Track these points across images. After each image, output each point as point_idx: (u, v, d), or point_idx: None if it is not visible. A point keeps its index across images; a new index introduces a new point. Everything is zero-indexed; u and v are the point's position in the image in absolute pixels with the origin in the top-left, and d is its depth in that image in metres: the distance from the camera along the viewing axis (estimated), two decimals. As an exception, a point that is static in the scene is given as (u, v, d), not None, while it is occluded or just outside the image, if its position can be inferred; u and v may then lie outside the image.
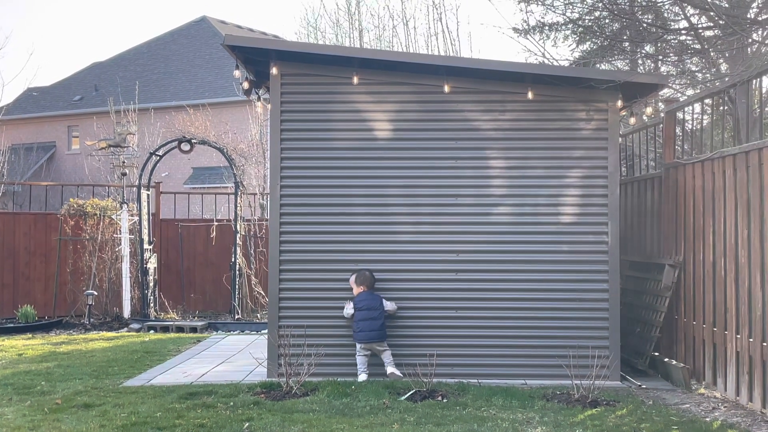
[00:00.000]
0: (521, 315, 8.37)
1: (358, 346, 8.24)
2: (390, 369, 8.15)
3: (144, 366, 9.36)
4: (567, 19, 14.40)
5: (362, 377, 8.15)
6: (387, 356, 8.22)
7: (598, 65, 14.64)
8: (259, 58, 8.76)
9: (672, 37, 13.09)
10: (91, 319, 13.85)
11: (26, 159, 32.69)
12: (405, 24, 27.49)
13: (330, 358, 8.19)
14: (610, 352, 8.14)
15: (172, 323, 13.37)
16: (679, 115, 9.36)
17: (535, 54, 16.14)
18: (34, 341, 12.00)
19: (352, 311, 8.21)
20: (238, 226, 14.39)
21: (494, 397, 7.27)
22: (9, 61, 58.64)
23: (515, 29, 15.16)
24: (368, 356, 8.25)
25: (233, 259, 14.35)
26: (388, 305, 8.28)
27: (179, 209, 18.45)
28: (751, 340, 6.96)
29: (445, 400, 7.16)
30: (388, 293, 8.41)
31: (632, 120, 9.71)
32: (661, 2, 12.35)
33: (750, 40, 10.71)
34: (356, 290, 8.30)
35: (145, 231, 14.24)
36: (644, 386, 8.06)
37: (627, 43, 14.17)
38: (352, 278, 8.33)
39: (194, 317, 14.56)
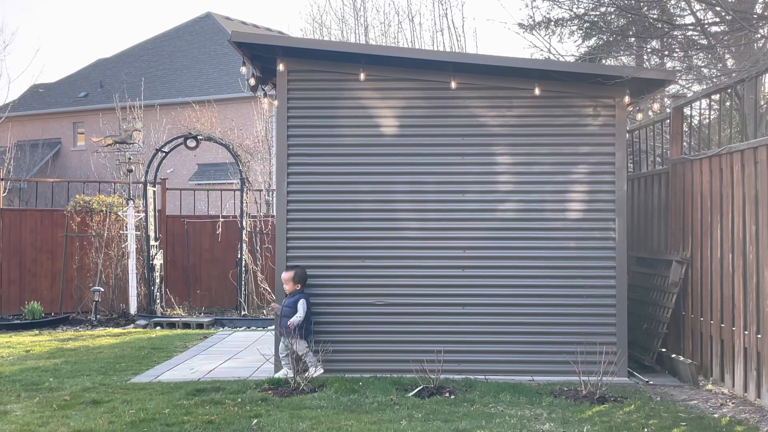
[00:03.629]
0: (528, 311, 8.36)
1: (308, 343, 8.15)
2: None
3: (151, 362, 9.38)
4: (573, 15, 14.38)
5: (321, 370, 8.09)
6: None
7: (603, 61, 14.62)
8: (265, 55, 8.76)
9: (678, 32, 13.06)
10: (98, 316, 13.88)
11: (32, 155, 32.73)
12: (410, 20, 27.45)
13: (337, 355, 8.19)
14: (617, 348, 8.13)
15: (178, 319, 13.40)
16: (686, 110, 9.34)
17: (541, 50, 16.15)
18: (41, 338, 12.03)
19: (307, 308, 8.13)
20: (243, 223, 14.41)
21: (502, 393, 7.27)
22: (15, 58, 58.80)
23: (521, 25, 15.16)
24: None
25: (239, 256, 14.36)
26: None
27: (185, 206, 18.46)
28: (759, 336, 6.95)
29: (452, 397, 7.17)
30: (394, 289, 8.43)
31: (639, 116, 9.70)
32: (668, -3, 12.33)
33: (757, 36, 10.67)
34: (291, 287, 8.20)
35: (151, 227, 14.26)
36: (651, 382, 8.06)
37: (633, 39, 14.15)
38: (290, 274, 8.20)
39: (200, 313, 14.58)
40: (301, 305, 8.10)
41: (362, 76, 8.40)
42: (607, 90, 8.29)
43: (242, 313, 14.15)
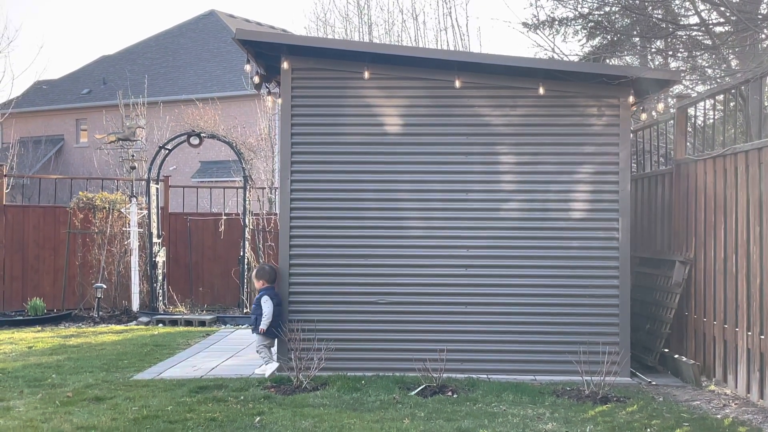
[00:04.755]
0: (531, 311, 8.36)
1: (264, 340, 8.34)
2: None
3: (154, 359, 9.39)
4: (577, 14, 14.40)
5: (275, 366, 8.25)
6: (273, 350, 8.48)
7: (608, 61, 14.61)
8: (269, 53, 8.76)
9: (683, 32, 13.07)
10: (100, 313, 13.89)
11: (35, 152, 32.74)
12: (414, 18, 27.50)
13: (340, 353, 8.19)
14: (620, 348, 8.13)
15: (180, 317, 13.40)
16: (691, 111, 9.33)
17: (545, 49, 16.14)
18: (43, 334, 12.04)
19: (273, 306, 8.25)
20: (246, 220, 14.41)
21: (504, 392, 7.27)
22: (19, 55, 58.87)
23: (525, 24, 15.18)
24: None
25: (242, 253, 14.36)
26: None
27: (187, 203, 18.48)
28: (762, 337, 6.94)
29: (455, 396, 7.17)
30: (397, 288, 8.42)
31: (643, 116, 9.68)
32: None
33: (762, 36, 10.67)
34: (258, 285, 8.43)
35: (154, 224, 14.27)
36: (654, 383, 8.05)
37: (637, 39, 14.15)
38: (254, 272, 8.51)
39: (202, 311, 14.57)
40: (265, 304, 8.23)
41: (366, 75, 8.39)
42: (612, 90, 8.28)
43: (244, 310, 14.14)
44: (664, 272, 9.02)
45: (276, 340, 8.42)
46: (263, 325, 8.24)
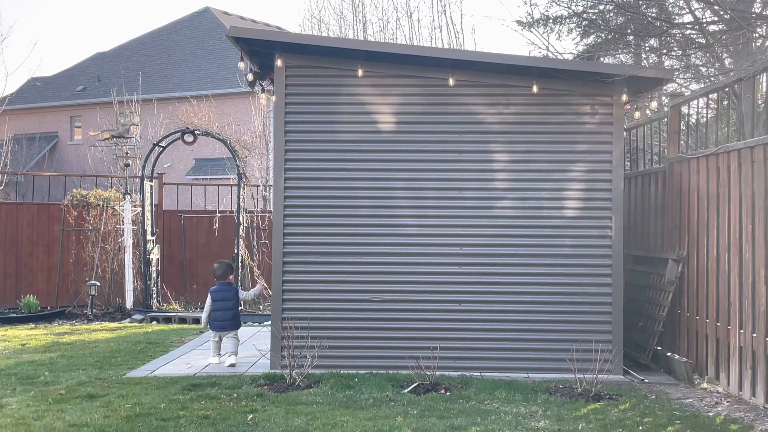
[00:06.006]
0: (524, 308, 8.37)
1: (211, 332, 9.04)
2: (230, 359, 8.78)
3: (147, 357, 9.38)
4: (571, 13, 14.39)
5: (215, 359, 8.88)
6: (233, 344, 8.91)
7: (602, 59, 14.61)
8: (263, 50, 8.75)
9: (677, 31, 13.07)
10: (94, 310, 13.87)
11: (29, 149, 32.66)
12: (409, 16, 27.49)
13: (333, 351, 8.19)
14: (612, 346, 8.14)
15: (174, 314, 13.40)
16: (684, 109, 9.34)
17: (539, 47, 16.16)
18: (36, 331, 12.03)
19: (210, 302, 8.96)
20: (240, 218, 14.39)
21: (497, 390, 7.28)
22: (13, 51, 58.71)
23: (519, 22, 15.17)
24: (218, 342, 9.00)
25: (236, 251, 14.35)
26: (245, 294, 9.39)
27: (182, 200, 18.43)
28: (754, 335, 6.96)
29: (448, 393, 7.17)
30: (391, 286, 8.43)
31: (637, 114, 9.69)
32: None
33: (755, 35, 10.68)
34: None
35: (148, 222, 14.25)
36: (647, 380, 8.07)
37: (631, 37, 14.16)
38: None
39: (196, 308, 14.55)
40: (207, 300, 9.00)
41: (360, 73, 8.39)
42: (605, 88, 8.29)
43: (239, 308, 14.12)
44: (657, 270, 9.04)
45: (234, 332, 8.99)
46: (202, 321, 9.18)
